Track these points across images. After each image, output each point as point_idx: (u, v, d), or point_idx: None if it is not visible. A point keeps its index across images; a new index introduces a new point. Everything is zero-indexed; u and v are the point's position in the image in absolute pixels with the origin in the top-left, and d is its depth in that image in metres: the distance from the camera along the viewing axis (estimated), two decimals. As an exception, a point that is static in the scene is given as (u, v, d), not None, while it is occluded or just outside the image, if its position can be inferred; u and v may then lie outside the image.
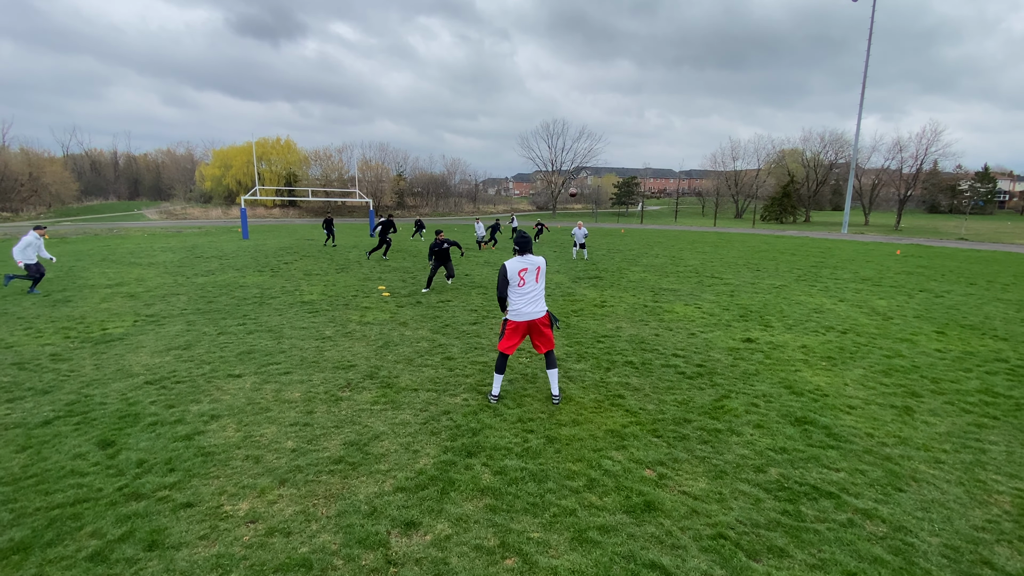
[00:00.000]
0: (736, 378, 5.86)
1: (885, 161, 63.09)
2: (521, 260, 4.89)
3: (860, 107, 43.22)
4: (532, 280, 4.88)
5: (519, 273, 4.83)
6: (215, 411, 4.74)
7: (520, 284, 4.84)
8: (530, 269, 4.86)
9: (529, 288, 4.87)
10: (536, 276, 4.90)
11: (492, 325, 8.12)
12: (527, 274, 4.85)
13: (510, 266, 4.84)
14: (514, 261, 4.88)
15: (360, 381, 5.55)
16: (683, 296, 10.84)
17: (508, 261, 4.89)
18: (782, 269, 16.14)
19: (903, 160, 59.20)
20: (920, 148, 56.66)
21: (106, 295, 10.48)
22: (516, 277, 4.83)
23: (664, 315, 8.99)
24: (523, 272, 4.84)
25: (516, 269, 4.83)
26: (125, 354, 6.51)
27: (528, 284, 4.86)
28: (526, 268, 4.85)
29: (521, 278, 4.83)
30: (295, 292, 10.92)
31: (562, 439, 4.25)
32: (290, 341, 7.10)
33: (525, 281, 4.85)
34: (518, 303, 4.87)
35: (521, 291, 4.85)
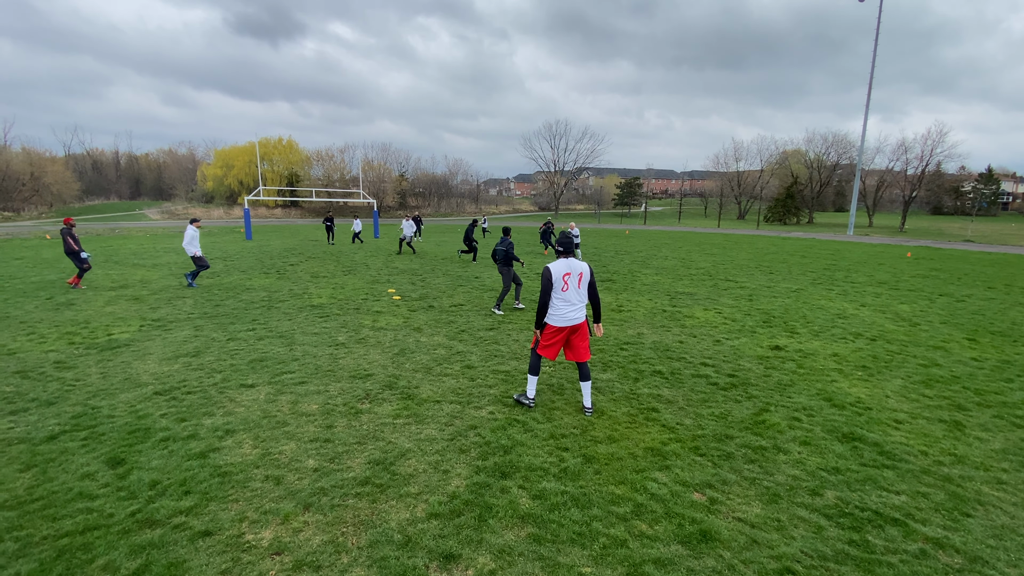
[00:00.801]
0: (771, 389, 5.60)
1: (889, 162, 62.77)
2: (565, 264, 4.70)
3: (866, 108, 42.98)
4: (575, 285, 4.70)
5: (564, 277, 4.66)
6: (230, 425, 4.49)
7: (564, 289, 4.67)
8: (573, 274, 4.69)
9: (572, 294, 4.70)
10: (579, 282, 4.73)
11: (509, 332, 7.87)
12: (571, 279, 4.69)
13: (555, 269, 4.66)
14: (559, 264, 4.70)
15: (379, 392, 5.30)
16: (701, 300, 10.58)
17: (552, 264, 4.70)
18: (795, 272, 15.88)
19: (908, 161, 58.95)
20: (926, 149, 56.42)
21: (110, 298, 10.24)
22: (561, 281, 4.65)
23: (685, 320, 8.74)
24: (567, 276, 4.67)
25: (561, 273, 4.66)
26: (132, 362, 6.26)
27: (571, 289, 4.68)
28: (570, 273, 4.68)
29: (565, 282, 4.66)
30: (303, 295, 10.67)
31: (600, 458, 3.99)
32: (303, 348, 6.85)
33: (568, 286, 4.67)
34: (561, 307, 4.69)
35: (564, 295, 4.68)
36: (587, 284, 4.80)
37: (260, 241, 24.95)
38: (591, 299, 4.88)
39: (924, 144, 56.57)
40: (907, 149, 60.23)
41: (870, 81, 42.05)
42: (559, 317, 4.69)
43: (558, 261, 4.73)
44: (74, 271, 12.11)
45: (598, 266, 16.30)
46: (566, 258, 4.75)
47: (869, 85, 42.06)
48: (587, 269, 4.80)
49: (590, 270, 4.84)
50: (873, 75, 41.97)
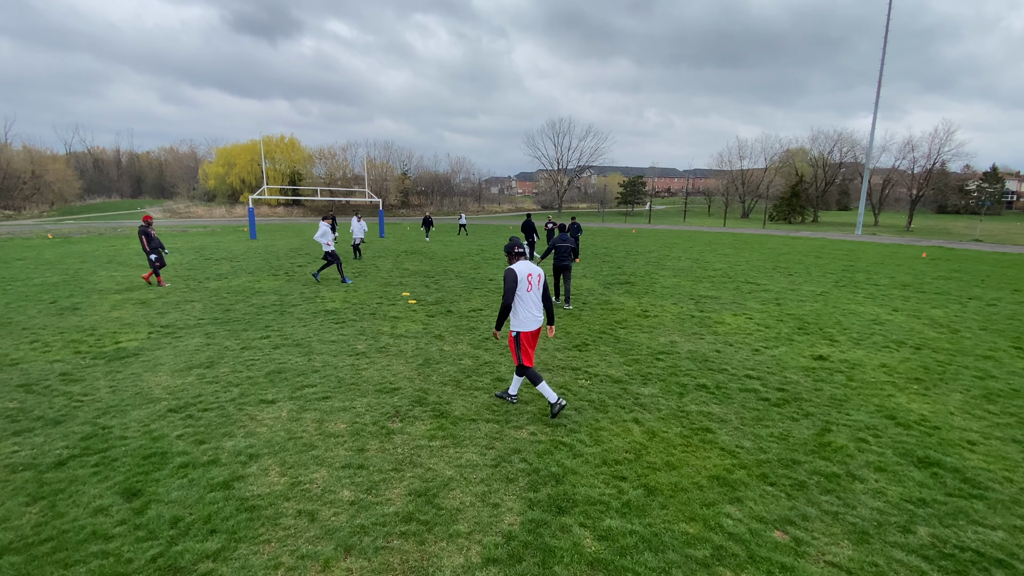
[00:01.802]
0: (827, 405, 5.24)
1: (895, 161, 62.27)
2: (526, 265, 4.76)
3: (875, 108, 42.52)
4: (536, 286, 4.78)
5: (528, 277, 4.70)
6: (253, 448, 4.14)
7: (528, 289, 4.70)
8: (534, 275, 4.76)
9: (535, 294, 4.77)
10: (539, 282, 4.81)
11: (535, 339, 7.51)
12: (533, 279, 4.75)
13: (520, 270, 4.66)
14: (522, 265, 4.72)
15: (409, 408, 4.94)
16: (727, 305, 10.22)
17: (515, 265, 4.72)
18: (814, 273, 15.51)
19: (915, 160, 58.47)
20: (933, 147, 55.93)
21: (116, 302, 9.89)
22: (526, 282, 4.68)
23: (716, 327, 8.37)
24: (531, 277, 4.72)
25: (525, 273, 4.69)
26: (143, 373, 5.91)
27: (534, 289, 4.76)
28: (531, 273, 4.74)
29: (529, 283, 4.70)
30: (316, 299, 10.31)
31: (663, 489, 3.64)
32: (322, 358, 6.50)
33: (532, 286, 4.73)
34: (530, 311, 4.73)
35: (529, 296, 4.71)
36: (542, 286, 4.85)
37: (265, 241, 24.60)
38: (543, 300, 4.90)
39: (932, 143, 56.06)
40: (914, 147, 59.79)
41: (879, 80, 41.57)
42: (531, 320, 4.73)
43: (521, 262, 4.74)
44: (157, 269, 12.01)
45: (612, 267, 15.93)
46: (526, 259, 4.83)
47: (878, 84, 41.61)
48: (543, 272, 4.90)
49: (542, 272, 4.92)
50: (882, 75, 41.51)
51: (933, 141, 55.80)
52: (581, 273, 14.38)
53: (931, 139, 57.55)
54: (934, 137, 56.24)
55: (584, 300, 10.42)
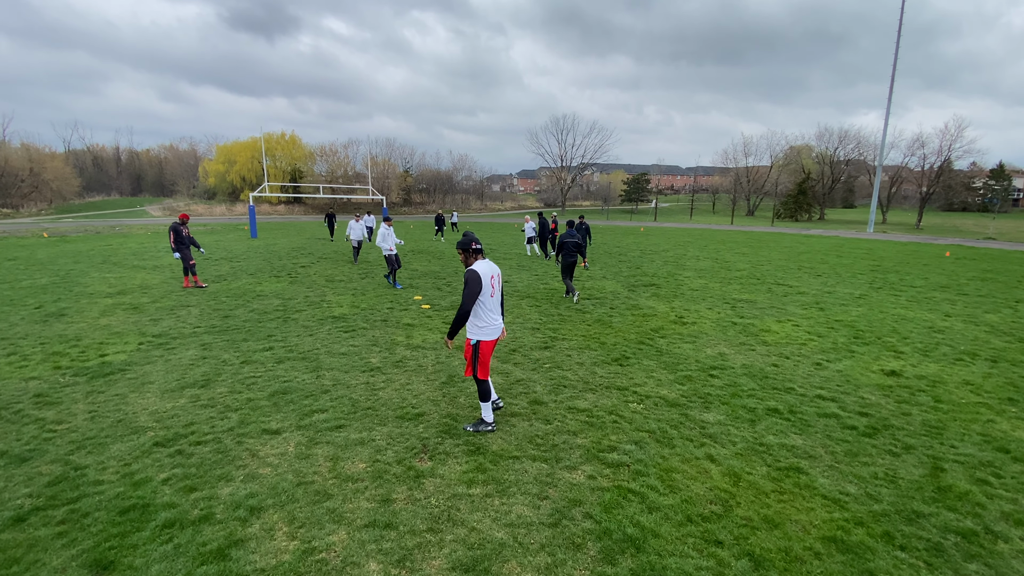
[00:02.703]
0: (923, 434, 4.49)
1: (904, 158, 61.38)
2: (488, 265, 4.26)
3: (888, 104, 41.58)
4: (498, 289, 4.32)
5: (491, 280, 4.22)
6: (254, 498, 3.39)
7: (492, 294, 4.22)
8: (496, 276, 4.32)
9: (498, 298, 4.32)
10: (499, 285, 4.37)
11: (567, 351, 6.76)
12: (496, 282, 4.29)
13: (482, 271, 4.16)
14: (484, 265, 4.22)
15: (438, 442, 4.19)
16: (766, 309, 9.45)
17: (476, 265, 4.19)
18: (843, 274, 14.73)
19: (925, 157, 57.60)
20: (944, 144, 55.04)
21: (106, 307, 9.15)
22: (489, 285, 4.18)
23: (763, 335, 7.62)
24: (493, 279, 4.25)
25: (488, 274, 4.20)
26: (128, 394, 5.17)
27: (496, 293, 4.29)
28: (493, 275, 4.27)
29: (492, 286, 4.23)
30: (322, 304, 9.56)
31: (772, 560, 2.89)
32: (331, 374, 5.75)
33: (495, 290, 4.26)
34: (492, 317, 4.24)
35: (492, 302, 4.24)
36: (501, 288, 4.44)
37: (266, 239, 23.85)
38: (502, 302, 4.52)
39: (942, 139, 55.15)
40: (924, 144, 58.91)
41: (892, 78, 40.65)
42: (494, 328, 4.25)
43: (481, 262, 4.23)
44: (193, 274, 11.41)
45: (630, 267, 15.15)
46: (484, 258, 4.32)
47: (891, 82, 40.69)
48: (499, 271, 4.45)
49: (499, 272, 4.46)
50: (895, 73, 40.61)
51: (944, 138, 54.94)
52: (600, 274, 13.62)
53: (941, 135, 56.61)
54: (944, 134, 55.36)
55: (611, 304, 9.66)
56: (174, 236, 11.09)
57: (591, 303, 9.75)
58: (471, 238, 4.24)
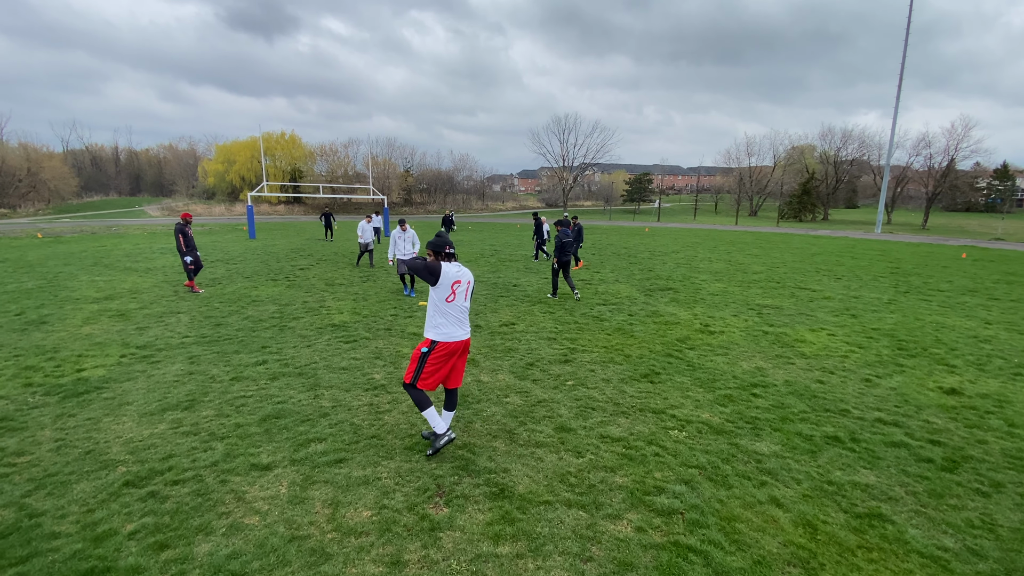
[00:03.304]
0: (1009, 467, 3.91)
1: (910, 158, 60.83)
2: (456, 268, 3.90)
3: (896, 103, 40.98)
4: (463, 297, 3.92)
5: (453, 285, 3.84)
6: (237, 559, 2.81)
7: (449, 299, 3.84)
8: (463, 283, 3.93)
9: (460, 305, 3.91)
10: (467, 293, 3.97)
11: (590, 366, 6.17)
12: (460, 288, 3.89)
13: (447, 271, 3.83)
14: (452, 267, 3.88)
15: (455, 481, 3.60)
16: (795, 316, 8.86)
17: (446, 264, 3.87)
18: (863, 277, 14.15)
19: (931, 156, 57.04)
20: (951, 144, 54.46)
21: (91, 314, 8.57)
22: (448, 289, 3.82)
23: (798, 346, 7.03)
24: (457, 285, 3.86)
25: (453, 277, 3.85)
26: (102, 418, 4.59)
27: (458, 300, 3.89)
28: (459, 281, 3.89)
29: (453, 291, 3.85)
30: (320, 310, 8.98)
31: (884, 648, 2.30)
32: (331, 393, 5.17)
33: (455, 296, 3.87)
34: (451, 324, 3.87)
35: (451, 308, 3.86)
36: (470, 297, 4.04)
37: (264, 240, 23.27)
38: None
39: (949, 139, 54.57)
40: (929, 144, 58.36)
41: (900, 77, 40.08)
42: (452, 334, 3.86)
43: (451, 263, 3.91)
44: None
45: (641, 270, 14.56)
46: (455, 261, 3.95)
47: (899, 81, 40.11)
48: (472, 277, 4.09)
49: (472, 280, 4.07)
50: (903, 72, 40.01)
51: (951, 137, 54.35)
52: (612, 277, 13.03)
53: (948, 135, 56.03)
54: (951, 133, 54.77)
55: (629, 311, 9.08)
56: (183, 240, 10.50)
57: (607, 309, 9.17)
58: (445, 241, 3.91)
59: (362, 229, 14.68)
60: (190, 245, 10.57)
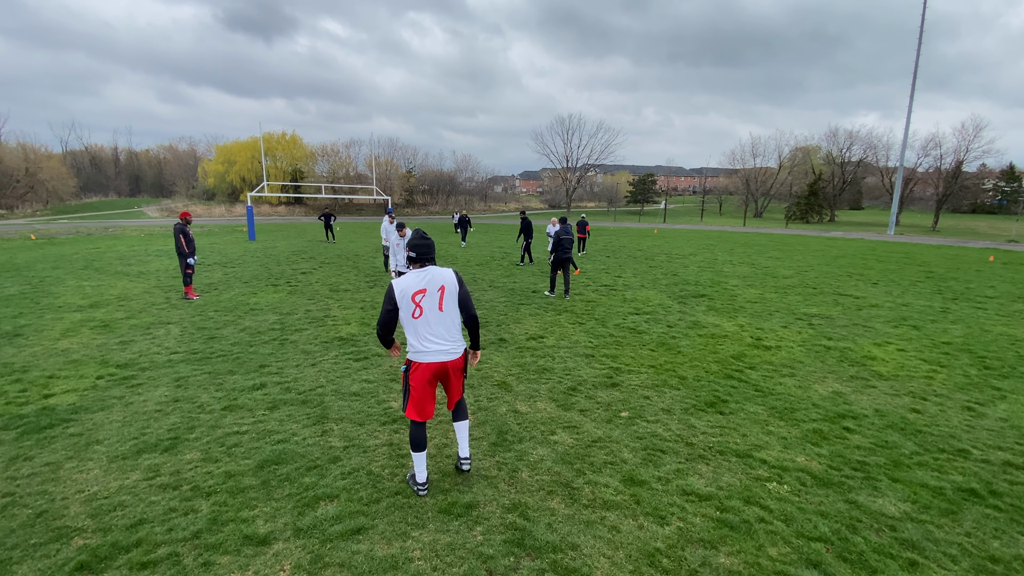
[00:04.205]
0: None
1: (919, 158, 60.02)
2: (417, 277, 3.30)
3: (910, 103, 40.14)
4: (433, 307, 3.29)
5: (413, 297, 3.26)
6: None
7: (416, 315, 3.27)
8: (430, 291, 3.29)
9: (431, 321, 3.29)
10: (440, 301, 3.31)
11: (643, 391, 5.32)
12: (425, 299, 3.27)
13: (400, 286, 3.28)
14: (408, 279, 3.30)
15: (510, 564, 2.75)
16: (850, 328, 8.01)
17: (397, 279, 3.33)
18: (900, 282, 13.29)
19: (941, 157, 56.26)
20: (961, 145, 53.66)
21: (72, 324, 7.74)
22: (409, 303, 3.26)
23: (869, 364, 6.18)
24: (419, 296, 3.27)
25: (409, 291, 3.26)
26: (64, 463, 3.75)
27: (427, 314, 3.28)
28: (424, 290, 3.28)
29: (416, 305, 3.26)
30: (326, 320, 8.14)
31: None
32: (341, 428, 4.32)
33: (423, 310, 3.28)
34: (424, 340, 3.29)
35: (418, 323, 3.28)
36: (455, 301, 3.38)
37: (264, 242, 22.44)
38: (467, 321, 3.47)
39: (960, 139, 53.76)
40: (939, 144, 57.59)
41: (914, 75, 39.22)
42: (429, 351, 3.29)
43: (408, 274, 3.36)
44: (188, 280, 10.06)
45: (666, 274, 13.69)
46: (420, 267, 3.34)
47: (913, 80, 39.25)
48: (451, 279, 3.36)
49: (456, 279, 3.39)
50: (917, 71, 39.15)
51: (961, 138, 53.52)
52: (637, 282, 12.17)
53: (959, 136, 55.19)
54: (962, 134, 53.96)
55: (667, 321, 8.22)
56: (185, 240, 9.67)
57: (642, 320, 8.32)
58: (411, 242, 3.35)
59: (385, 230, 12.94)
60: (191, 247, 9.79)
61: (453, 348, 3.35)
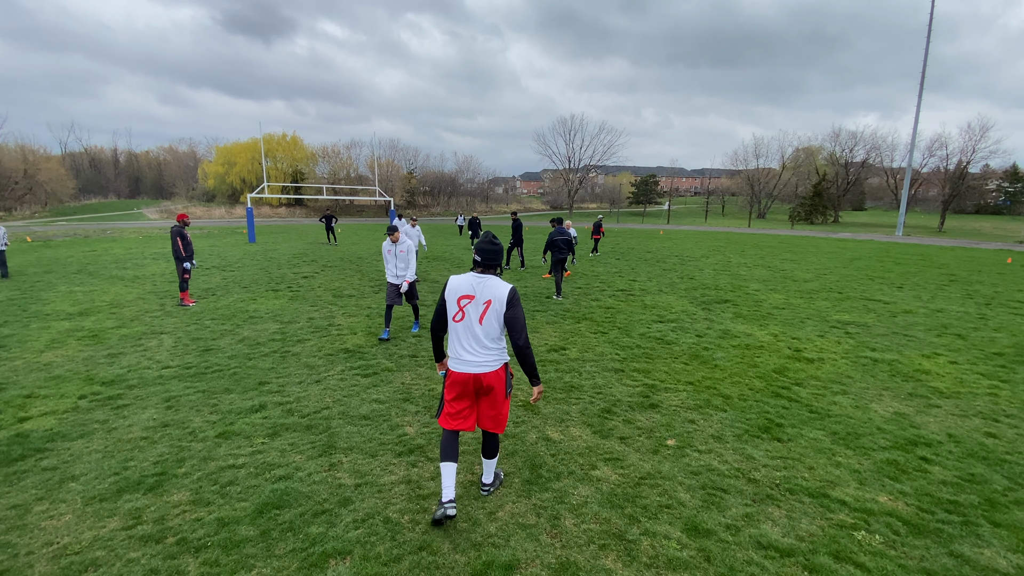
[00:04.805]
0: None
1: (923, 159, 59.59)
2: (469, 280, 3.08)
3: (919, 102, 39.63)
4: (474, 317, 3.05)
5: (458, 300, 3.07)
6: None
7: (457, 318, 3.08)
8: (478, 299, 3.05)
9: (468, 329, 3.07)
10: (482, 314, 3.04)
11: (680, 409, 4.80)
12: (470, 305, 3.05)
13: (451, 284, 3.13)
14: (463, 278, 3.11)
15: (566, 645, 2.24)
16: (891, 337, 7.49)
17: (455, 276, 3.17)
18: (926, 285, 12.78)
19: (947, 157, 55.81)
20: (968, 145, 53.18)
21: (59, 334, 7.23)
22: (454, 304, 3.09)
23: (924, 379, 5.66)
24: (464, 301, 3.06)
25: (458, 292, 3.08)
26: (33, 506, 3.23)
27: (468, 321, 3.06)
28: (472, 296, 3.05)
29: (460, 308, 3.07)
30: (330, 329, 7.62)
31: None
32: (351, 461, 3.80)
33: (465, 315, 3.07)
34: (457, 350, 3.11)
35: (457, 327, 3.10)
36: (499, 320, 3.06)
37: (264, 244, 21.93)
38: (516, 349, 3.09)
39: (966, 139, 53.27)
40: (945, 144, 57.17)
41: (921, 79, 38.74)
42: (459, 360, 3.12)
43: (468, 274, 3.16)
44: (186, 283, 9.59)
45: (681, 277, 13.17)
46: (480, 272, 3.10)
47: (921, 83, 38.78)
48: (502, 295, 3.03)
49: (508, 298, 3.03)
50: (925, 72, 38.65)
51: (968, 138, 53.03)
52: (655, 287, 11.65)
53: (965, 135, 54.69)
54: (969, 134, 53.49)
55: (694, 330, 7.70)
56: (183, 243, 9.21)
57: (668, 328, 7.80)
58: (479, 245, 3.12)
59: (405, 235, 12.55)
60: (189, 250, 9.31)
61: (486, 361, 3.07)
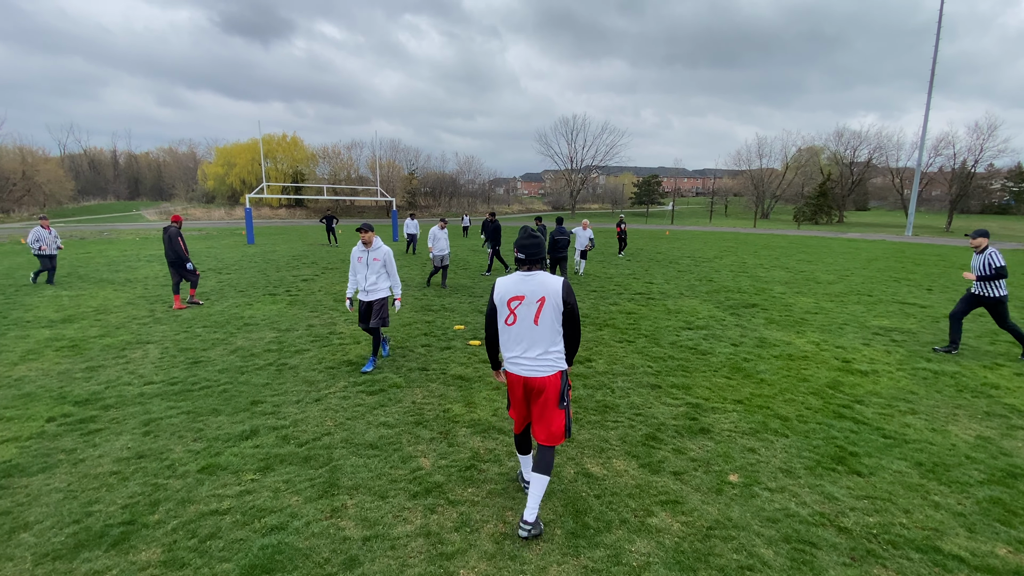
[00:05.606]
0: None
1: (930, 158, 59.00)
2: (516, 281, 2.86)
3: (928, 101, 39.05)
4: (528, 318, 2.78)
5: (508, 303, 2.85)
6: None
7: (509, 321, 2.85)
8: (529, 299, 2.79)
9: (521, 331, 2.81)
10: (537, 313, 2.77)
11: (734, 434, 4.19)
12: (520, 306, 2.80)
13: (499, 287, 2.91)
14: (510, 279, 2.90)
15: None
16: (932, 344, 6.88)
17: (502, 277, 2.94)
18: (954, 287, 12.17)
19: (955, 157, 55.20)
20: (975, 144, 52.57)
21: (36, 344, 6.64)
22: (504, 307, 2.87)
23: (995, 395, 5.04)
24: (514, 303, 2.82)
25: (507, 294, 2.86)
26: (-34, 567, 2.63)
27: (520, 323, 2.81)
28: (522, 296, 2.80)
29: (510, 310, 2.83)
30: (331, 338, 7.02)
31: None
32: (357, 505, 3.19)
33: (516, 317, 2.82)
34: (507, 348, 2.90)
35: (509, 330, 2.87)
36: (557, 317, 2.81)
37: (263, 246, 21.35)
38: (566, 341, 2.88)
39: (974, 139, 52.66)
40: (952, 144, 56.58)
41: (932, 73, 38.16)
42: (509, 361, 2.90)
43: (513, 274, 2.94)
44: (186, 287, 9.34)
45: (699, 279, 12.55)
46: (526, 270, 2.86)
47: (930, 83, 38.20)
48: (555, 290, 2.78)
49: (563, 292, 2.79)
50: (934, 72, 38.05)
51: (975, 137, 52.43)
52: (675, 290, 11.04)
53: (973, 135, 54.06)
54: (977, 133, 52.85)
55: (728, 339, 7.08)
56: (183, 244, 9.00)
57: (700, 336, 7.18)
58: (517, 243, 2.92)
59: (434, 237, 11.13)
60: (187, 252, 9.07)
61: (538, 367, 2.84)
